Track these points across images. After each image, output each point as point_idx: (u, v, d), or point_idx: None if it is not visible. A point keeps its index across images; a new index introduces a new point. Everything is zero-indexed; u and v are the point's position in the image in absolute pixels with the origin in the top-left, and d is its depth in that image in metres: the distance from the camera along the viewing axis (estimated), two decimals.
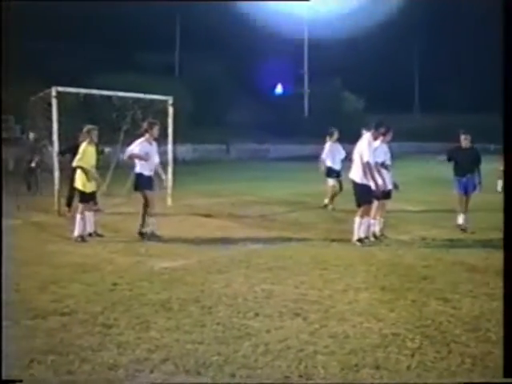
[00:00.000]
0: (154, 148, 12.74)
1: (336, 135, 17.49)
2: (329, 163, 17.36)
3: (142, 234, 12.35)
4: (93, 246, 11.59)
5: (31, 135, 16.24)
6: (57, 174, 15.17)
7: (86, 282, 8.78)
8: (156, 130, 12.70)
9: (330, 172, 17.38)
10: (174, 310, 7.50)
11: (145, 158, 12.41)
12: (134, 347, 6.20)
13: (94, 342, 6.33)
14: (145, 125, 12.78)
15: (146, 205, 12.47)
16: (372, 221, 12.10)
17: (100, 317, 7.16)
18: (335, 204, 17.00)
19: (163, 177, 13.29)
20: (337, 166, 17.36)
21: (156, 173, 12.89)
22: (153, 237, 12.29)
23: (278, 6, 51.46)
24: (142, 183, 12.46)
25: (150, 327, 6.83)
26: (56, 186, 15.18)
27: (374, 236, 12.16)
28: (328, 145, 17.52)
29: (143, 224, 12.45)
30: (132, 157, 12.47)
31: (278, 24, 51.52)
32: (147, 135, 12.56)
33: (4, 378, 4.92)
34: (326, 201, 17.13)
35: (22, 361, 5.79)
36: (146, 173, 12.48)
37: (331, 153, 17.40)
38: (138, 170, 12.49)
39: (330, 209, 16.77)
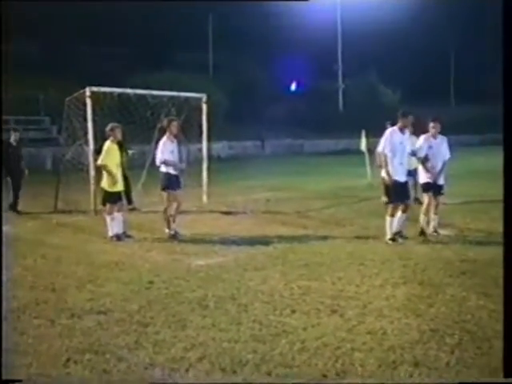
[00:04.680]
0: (175, 145, 12.64)
1: None
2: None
3: (173, 235, 12.25)
4: (129, 245, 11.62)
5: (64, 135, 16.36)
6: (92, 173, 15.23)
7: (123, 281, 8.81)
8: (174, 127, 12.48)
9: None
10: (210, 308, 7.49)
11: (177, 163, 12.41)
12: (170, 346, 6.19)
13: (130, 340, 6.33)
14: (164, 123, 12.70)
15: (171, 204, 12.37)
16: (427, 218, 11.93)
17: (136, 315, 7.17)
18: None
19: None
20: None
21: (182, 171, 12.79)
22: (178, 235, 12.22)
23: (311, 0, 51.23)
24: (170, 183, 12.36)
25: (186, 325, 6.82)
26: (92, 186, 15.24)
27: (423, 233, 11.93)
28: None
29: (169, 224, 12.34)
30: (166, 163, 12.30)
31: (311, 19, 51.27)
32: (168, 133, 12.43)
33: (4, 378, 4.91)
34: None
35: (59, 360, 5.81)
36: (173, 171, 12.39)
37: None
38: (164, 169, 12.38)
39: None
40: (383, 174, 11.61)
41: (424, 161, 11.92)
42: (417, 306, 7.40)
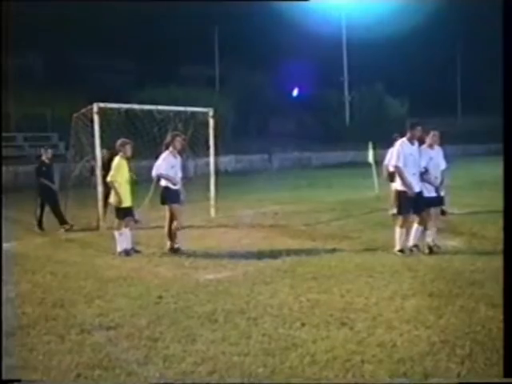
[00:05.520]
0: (178, 161, 12.60)
1: None
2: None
3: (175, 250, 12.21)
4: (138, 260, 11.63)
5: (72, 152, 16.41)
6: (100, 188, 15.26)
7: (132, 296, 8.81)
8: (178, 143, 12.47)
9: None
10: (219, 322, 7.48)
11: (173, 178, 12.33)
12: (179, 360, 6.19)
13: (140, 355, 6.34)
14: (168, 137, 12.64)
15: (172, 219, 12.33)
16: (427, 231, 11.79)
17: (146, 330, 7.18)
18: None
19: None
20: None
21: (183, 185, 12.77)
22: (177, 250, 12.20)
23: (316, 12, 51.39)
24: (169, 197, 12.32)
25: (195, 340, 6.82)
26: (100, 202, 15.29)
27: (428, 247, 11.63)
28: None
29: (173, 239, 12.33)
30: (161, 177, 12.30)
31: (316, 31, 51.42)
32: (171, 148, 12.39)
33: (4, 378, 4.91)
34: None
35: (69, 375, 5.81)
36: (173, 186, 12.35)
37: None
38: (163, 183, 12.35)
39: None
40: (398, 186, 11.57)
41: (425, 172, 11.81)
42: (426, 318, 7.38)
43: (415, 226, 11.50)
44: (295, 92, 51.43)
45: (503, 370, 4.81)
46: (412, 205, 11.44)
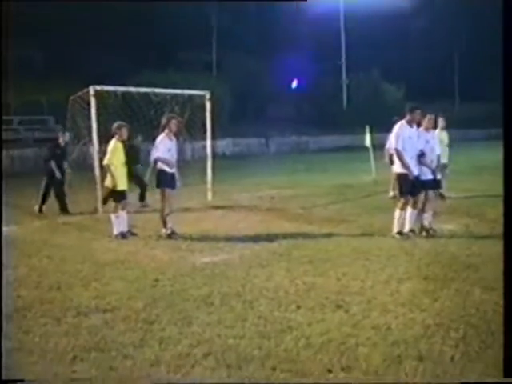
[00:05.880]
0: (174, 144, 12.48)
1: None
2: None
3: (169, 235, 12.09)
4: (134, 243, 11.64)
5: (67, 135, 16.29)
6: (97, 172, 15.23)
7: (128, 279, 8.83)
8: (174, 125, 12.33)
9: None
10: (215, 305, 7.50)
11: (170, 162, 12.21)
12: (175, 342, 6.21)
13: (136, 338, 6.35)
14: (163, 120, 12.47)
15: (166, 203, 12.20)
16: (424, 214, 11.81)
17: (142, 313, 7.19)
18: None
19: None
20: None
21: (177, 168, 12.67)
22: (173, 234, 12.10)
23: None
24: (164, 180, 12.19)
25: (191, 322, 6.84)
26: (97, 185, 15.26)
27: (424, 229, 11.72)
28: None
29: (165, 223, 12.19)
30: (158, 161, 12.17)
31: (315, 17, 51.30)
32: (167, 130, 12.25)
33: (4, 378, 4.93)
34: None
35: (65, 358, 5.84)
36: (168, 169, 12.23)
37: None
38: (160, 166, 12.20)
39: None
40: (398, 168, 11.57)
41: (422, 155, 11.79)
42: (421, 301, 7.40)
43: (409, 209, 11.51)
44: (294, 83, 51.13)
45: (503, 370, 4.82)
46: (412, 187, 11.47)
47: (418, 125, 11.82)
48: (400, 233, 11.43)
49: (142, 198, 16.89)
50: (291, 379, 5.34)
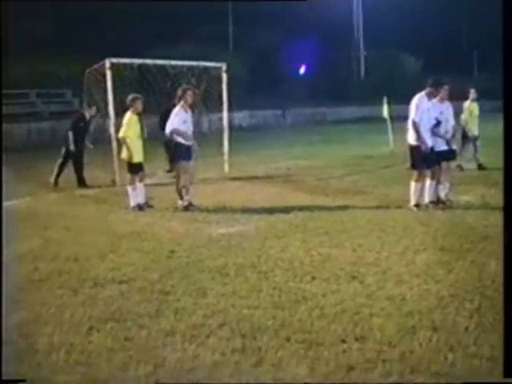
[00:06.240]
0: (189, 115, 12.39)
1: None
2: None
3: (185, 208, 12.05)
4: (151, 215, 11.70)
5: (94, 109, 16.18)
6: (114, 144, 15.27)
7: (144, 250, 8.88)
8: (189, 97, 12.18)
9: None
10: (230, 276, 7.54)
11: (186, 134, 12.10)
12: (190, 313, 6.25)
13: (152, 308, 6.41)
14: (179, 92, 12.34)
15: (182, 175, 12.14)
16: (439, 186, 11.75)
17: (157, 284, 7.24)
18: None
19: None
20: None
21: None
22: (190, 206, 12.06)
23: None
24: (180, 153, 12.12)
25: (206, 293, 6.88)
26: (114, 157, 15.30)
27: (441, 201, 11.65)
28: None
29: (181, 195, 12.14)
30: (174, 133, 12.03)
31: None
32: (182, 102, 12.12)
33: (4, 378, 4.97)
34: None
35: (81, 328, 5.90)
36: (184, 142, 12.13)
37: None
38: (175, 138, 12.09)
39: None
40: (413, 140, 11.48)
41: (436, 126, 11.70)
42: (436, 272, 7.39)
43: (428, 181, 11.45)
44: (302, 69, 50.29)
45: (503, 370, 4.81)
46: (427, 159, 11.39)
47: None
48: (417, 205, 11.38)
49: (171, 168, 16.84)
50: (305, 349, 5.35)
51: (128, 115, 12.40)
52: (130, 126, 12.31)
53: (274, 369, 5.01)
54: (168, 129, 12.12)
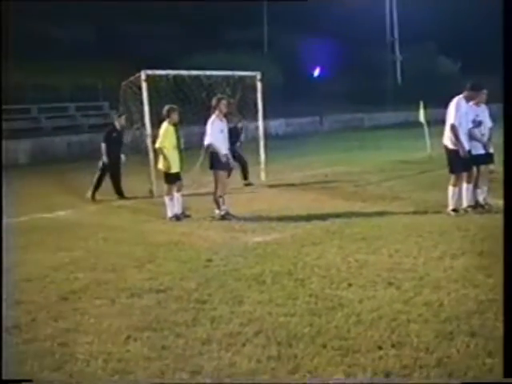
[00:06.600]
0: (225, 125, 12.49)
1: None
2: None
3: (222, 217, 12.06)
4: (188, 225, 11.78)
5: (123, 118, 16.35)
6: (151, 155, 15.43)
7: (181, 260, 8.94)
8: (223, 106, 12.30)
9: None
10: (266, 284, 7.55)
11: (224, 146, 12.27)
12: (227, 321, 6.28)
13: (188, 317, 6.44)
14: (213, 101, 12.43)
15: (219, 184, 12.20)
16: (477, 190, 11.62)
17: (194, 293, 7.27)
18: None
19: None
20: None
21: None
22: (228, 215, 12.10)
23: None
24: (217, 162, 12.15)
25: (243, 301, 6.90)
26: (151, 168, 15.45)
27: (479, 205, 11.55)
28: None
29: (219, 205, 12.18)
30: (211, 147, 12.12)
31: None
32: (217, 112, 12.22)
33: (4, 377, 5.02)
34: None
35: (119, 338, 5.96)
36: (222, 151, 12.19)
37: None
38: (212, 148, 12.14)
39: None
40: (450, 144, 11.37)
41: (472, 129, 11.57)
42: (475, 277, 7.32)
43: (465, 185, 11.35)
44: (316, 72, 49.94)
45: (503, 370, 4.75)
46: (464, 163, 11.29)
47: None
48: (455, 210, 11.28)
49: (244, 176, 17.17)
50: (341, 356, 5.34)
51: (164, 126, 12.52)
52: (167, 137, 12.42)
53: (310, 376, 5.01)
54: (207, 140, 12.18)
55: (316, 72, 47.31)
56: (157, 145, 12.59)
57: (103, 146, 15.69)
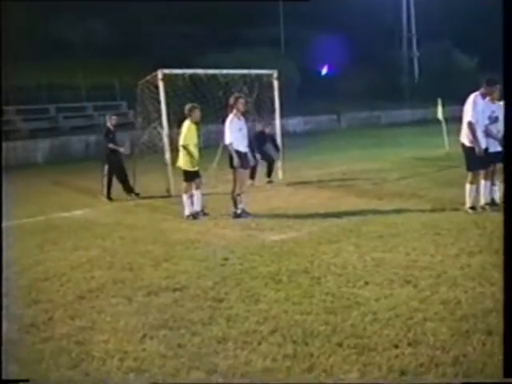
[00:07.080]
0: (243, 123, 12.46)
1: None
2: None
3: (237, 215, 12.10)
4: (205, 223, 11.79)
5: (139, 119, 16.45)
6: (168, 154, 15.48)
7: (198, 258, 8.95)
8: (241, 105, 12.26)
9: None
10: (283, 282, 7.54)
11: (242, 150, 12.22)
12: (243, 320, 6.28)
13: (205, 316, 6.45)
14: (231, 100, 12.42)
15: (238, 183, 12.20)
16: (494, 187, 11.54)
17: (211, 291, 7.28)
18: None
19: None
20: None
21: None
22: (244, 213, 12.13)
23: None
24: (238, 161, 12.09)
25: (259, 300, 6.90)
26: (168, 167, 15.49)
27: (495, 203, 11.42)
28: None
29: (236, 203, 12.20)
30: (233, 144, 12.04)
31: None
32: (234, 110, 12.19)
33: (4, 377, 5.04)
34: None
35: (135, 336, 5.98)
36: (242, 149, 12.23)
37: None
38: (232, 147, 12.12)
39: None
40: (467, 142, 11.29)
41: (488, 126, 11.46)
42: (492, 275, 7.25)
43: (482, 182, 11.28)
44: (324, 70, 49.67)
45: (503, 370, 4.71)
46: (481, 160, 11.20)
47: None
48: (473, 207, 11.21)
49: (269, 173, 17.39)
50: (357, 354, 5.33)
51: (187, 124, 12.54)
52: (188, 134, 12.47)
53: (326, 374, 5.00)
54: (226, 140, 12.17)
55: (331, 70, 47.26)
56: (181, 142, 12.56)
57: (103, 149, 15.96)
